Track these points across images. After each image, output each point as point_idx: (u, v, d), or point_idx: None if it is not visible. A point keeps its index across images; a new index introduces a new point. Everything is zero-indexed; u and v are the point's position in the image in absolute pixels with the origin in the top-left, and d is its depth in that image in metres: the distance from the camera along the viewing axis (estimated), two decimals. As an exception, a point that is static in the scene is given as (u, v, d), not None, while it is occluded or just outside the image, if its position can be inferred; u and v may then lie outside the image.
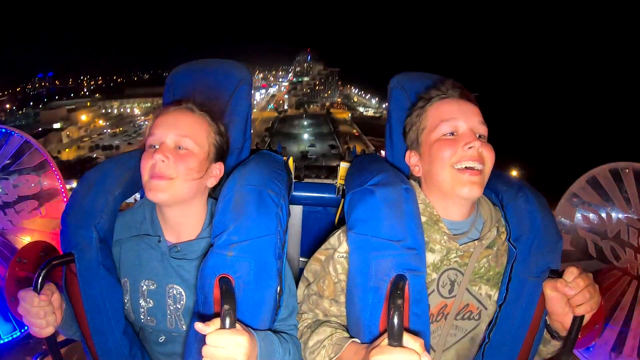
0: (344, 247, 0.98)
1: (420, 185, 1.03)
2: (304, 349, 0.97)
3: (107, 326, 0.95)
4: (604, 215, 1.60)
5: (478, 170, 0.92)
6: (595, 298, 0.84)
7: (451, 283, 0.97)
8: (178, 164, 0.92)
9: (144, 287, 0.99)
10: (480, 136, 0.95)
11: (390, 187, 0.94)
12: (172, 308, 0.99)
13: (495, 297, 0.98)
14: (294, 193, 1.45)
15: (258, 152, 1.20)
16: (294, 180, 1.32)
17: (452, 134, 0.95)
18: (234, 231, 0.87)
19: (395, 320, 0.69)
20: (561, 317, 0.88)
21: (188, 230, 1.00)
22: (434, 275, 0.96)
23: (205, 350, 0.73)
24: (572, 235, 1.65)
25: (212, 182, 1.02)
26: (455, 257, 0.96)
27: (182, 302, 0.99)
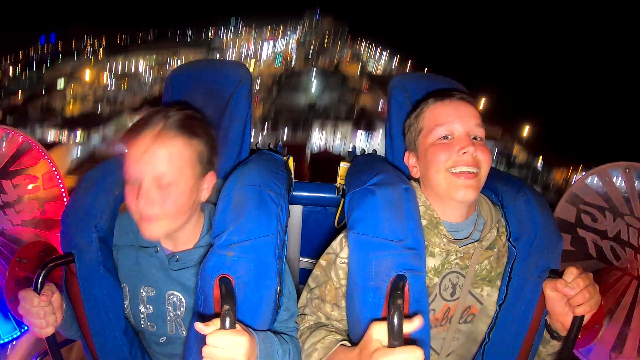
0: (345, 253, 0.97)
1: (420, 187, 1.03)
2: (302, 350, 0.97)
3: (107, 326, 0.95)
4: (604, 215, 1.60)
5: (473, 174, 0.92)
6: (595, 298, 0.84)
7: (453, 286, 0.97)
8: (164, 203, 0.86)
9: (143, 293, 0.99)
10: (477, 138, 0.95)
11: (391, 187, 0.94)
12: (172, 314, 0.99)
13: (496, 297, 0.98)
14: (294, 193, 1.45)
15: (258, 152, 1.20)
16: (294, 180, 1.32)
17: (448, 137, 0.95)
18: (234, 231, 0.87)
19: (395, 320, 0.69)
20: (561, 317, 0.88)
21: (185, 239, 0.98)
22: (436, 280, 0.96)
23: (205, 350, 0.73)
24: (572, 235, 1.65)
25: (204, 196, 0.95)
26: (455, 260, 0.96)
27: (182, 309, 0.98)
